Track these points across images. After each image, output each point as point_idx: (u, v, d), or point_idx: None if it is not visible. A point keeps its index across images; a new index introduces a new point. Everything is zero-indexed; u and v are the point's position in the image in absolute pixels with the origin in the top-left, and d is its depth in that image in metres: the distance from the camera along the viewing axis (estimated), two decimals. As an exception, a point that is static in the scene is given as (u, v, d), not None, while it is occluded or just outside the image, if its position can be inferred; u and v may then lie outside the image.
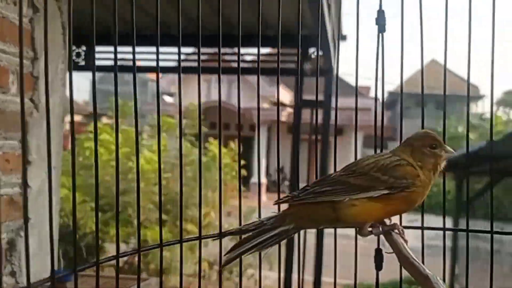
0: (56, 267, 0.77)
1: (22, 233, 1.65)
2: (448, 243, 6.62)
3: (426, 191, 0.94)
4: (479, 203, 5.48)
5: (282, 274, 3.93)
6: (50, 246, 0.71)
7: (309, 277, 4.41)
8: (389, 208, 0.92)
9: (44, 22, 0.67)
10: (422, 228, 1.12)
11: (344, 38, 3.58)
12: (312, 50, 3.10)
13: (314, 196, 0.91)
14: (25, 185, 0.76)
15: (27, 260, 0.67)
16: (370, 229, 0.96)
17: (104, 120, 9.15)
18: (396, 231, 0.95)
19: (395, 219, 1.03)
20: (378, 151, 1.09)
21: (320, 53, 2.99)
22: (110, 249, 4.95)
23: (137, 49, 3.80)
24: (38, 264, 0.78)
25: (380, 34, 1.13)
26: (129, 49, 3.74)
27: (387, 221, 0.98)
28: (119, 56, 4.37)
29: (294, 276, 4.53)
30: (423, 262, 0.89)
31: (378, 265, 1.10)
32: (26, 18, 1.49)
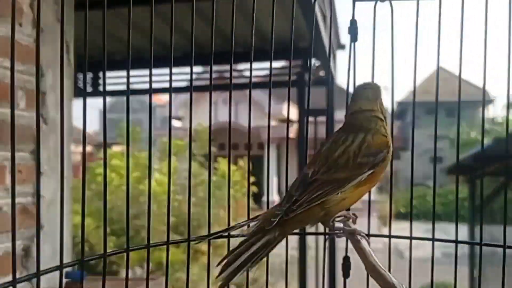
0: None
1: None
2: (465, 250, 6.54)
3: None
4: (496, 204, 5.37)
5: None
6: (60, 242, 0.75)
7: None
8: (372, 184, 0.94)
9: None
10: (433, 239, 1.10)
11: (343, 47, 3.62)
12: (312, 61, 3.16)
13: (308, 205, 0.89)
14: (38, 194, 0.79)
15: (38, 262, 0.70)
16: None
17: (114, 148, 9.25)
18: (359, 236, 0.94)
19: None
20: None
21: (318, 63, 3.04)
22: (124, 274, 4.96)
23: (144, 72, 3.85)
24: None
25: (352, 44, 1.15)
26: (135, 73, 3.83)
27: (350, 224, 0.99)
28: (124, 80, 4.47)
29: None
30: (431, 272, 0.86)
31: (346, 273, 1.08)
32: (31, 38, 1.57)
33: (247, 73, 4.85)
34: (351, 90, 1.10)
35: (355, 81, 1.15)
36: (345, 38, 3.65)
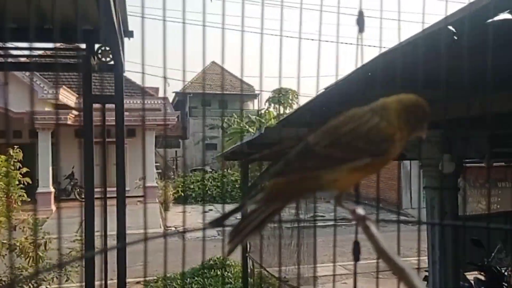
0: None
1: None
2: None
3: (400, 148, 0.94)
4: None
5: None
6: None
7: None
8: (369, 171, 0.94)
9: None
10: (398, 221, 1.20)
11: (131, 34, 3.58)
12: (98, 45, 3.05)
13: (300, 171, 0.91)
14: None
15: None
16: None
17: None
18: (369, 222, 0.96)
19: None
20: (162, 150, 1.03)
21: (107, 48, 2.96)
22: None
23: None
24: None
25: (360, 35, 1.16)
26: None
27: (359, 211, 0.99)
28: None
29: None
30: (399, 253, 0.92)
31: (356, 257, 1.13)
32: None
33: (16, 52, 4.34)
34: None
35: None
36: (131, 25, 3.61)
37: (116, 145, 2.98)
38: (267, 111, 23.26)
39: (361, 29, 1.17)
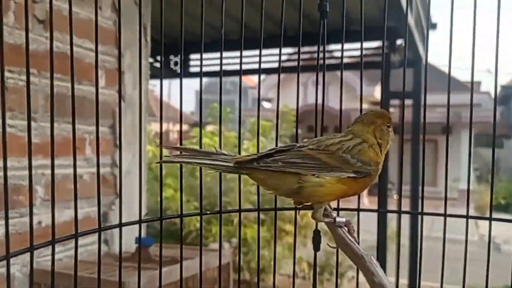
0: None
1: (113, 207, 1.95)
2: None
3: (380, 169, 0.96)
4: None
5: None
6: (139, 212, 0.82)
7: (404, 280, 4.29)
8: (350, 190, 0.93)
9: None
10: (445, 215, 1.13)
11: (434, 26, 3.39)
12: (399, 41, 3.02)
13: (282, 166, 0.89)
14: (120, 164, 0.86)
15: (120, 229, 0.78)
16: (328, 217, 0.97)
17: (207, 128, 9.60)
18: (347, 228, 0.95)
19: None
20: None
21: (403, 44, 2.90)
22: (213, 247, 5.22)
23: (234, 54, 3.93)
24: (127, 237, 0.91)
25: (322, 20, 1.16)
26: (225, 54, 3.94)
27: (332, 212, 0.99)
28: (213, 62, 4.63)
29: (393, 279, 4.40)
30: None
31: (316, 246, 1.11)
32: (110, 20, 1.68)
33: (337, 54, 4.76)
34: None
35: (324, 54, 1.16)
36: (436, 17, 3.44)
37: (412, 149, 2.89)
38: None
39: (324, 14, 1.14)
